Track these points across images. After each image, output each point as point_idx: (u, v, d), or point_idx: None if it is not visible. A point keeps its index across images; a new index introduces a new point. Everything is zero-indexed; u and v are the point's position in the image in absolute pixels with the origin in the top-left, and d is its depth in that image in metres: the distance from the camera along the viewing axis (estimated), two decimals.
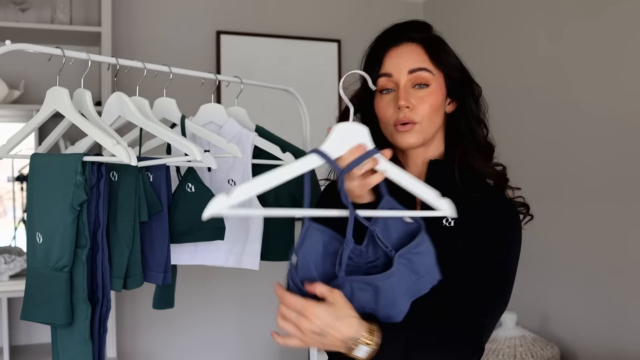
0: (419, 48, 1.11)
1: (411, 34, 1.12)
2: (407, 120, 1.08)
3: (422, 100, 1.09)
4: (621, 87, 2.29)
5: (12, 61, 2.35)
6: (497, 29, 3.01)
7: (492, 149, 1.17)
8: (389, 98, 1.11)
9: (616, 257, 2.32)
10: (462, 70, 1.15)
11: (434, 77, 1.10)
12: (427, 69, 1.09)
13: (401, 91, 1.09)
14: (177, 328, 3.12)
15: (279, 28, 3.32)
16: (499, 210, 1.11)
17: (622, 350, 2.30)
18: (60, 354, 1.18)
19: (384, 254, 0.97)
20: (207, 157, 1.22)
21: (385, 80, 1.11)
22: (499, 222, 1.10)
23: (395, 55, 1.11)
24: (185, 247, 1.43)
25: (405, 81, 1.09)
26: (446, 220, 1.10)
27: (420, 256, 0.97)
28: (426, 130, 1.10)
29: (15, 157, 1.28)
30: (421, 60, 1.10)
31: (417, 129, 1.09)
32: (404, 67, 1.09)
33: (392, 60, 1.11)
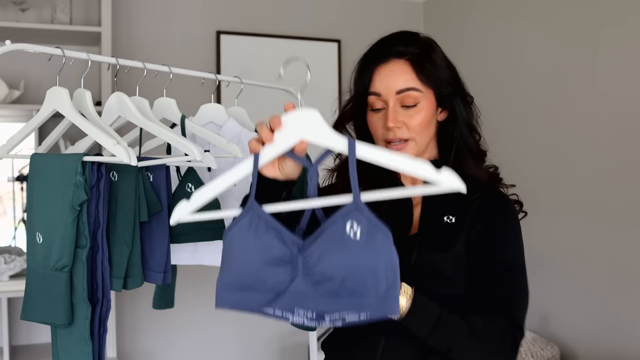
0: (406, 65, 1.11)
1: (398, 48, 1.11)
2: (397, 139, 1.10)
3: (412, 118, 1.10)
4: (620, 89, 2.29)
5: (12, 61, 2.35)
6: (496, 29, 3.01)
7: (484, 154, 1.18)
8: (379, 116, 1.12)
9: (616, 257, 2.32)
10: (452, 83, 1.14)
11: (423, 94, 1.11)
12: (415, 88, 1.10)
13: (390, 112, 1.09)
14: (177, 328, 3.12)
15: (279, 28, 3.32)
16: (497, 207, 1.13)
17: (622, 350, 2.30)
18: (60, 354, 1.18)
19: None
20: (207, 157, 1.23)
21: (374, 99, 1.12)
22: (499, 220, 1.11)
23: (384, 74, 1.11)
24: (185, 247, 1.43)
25: (393, 102, 1.10)
26: (447, 217, 1.10)
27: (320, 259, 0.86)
28: (419, 145, 1.12)
29: (15, 157, 1.28)
30: (409, 79, 1.10)
31: (411, 145, 1.10)
32: (392, 87, 1.10)
33: (381, 80, 1.11)
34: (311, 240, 0.87)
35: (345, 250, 0.84)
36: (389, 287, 0.83)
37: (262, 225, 0.89)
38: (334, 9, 3.44)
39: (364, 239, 0.84)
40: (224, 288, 0.90)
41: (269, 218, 0.89)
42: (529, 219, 1.18)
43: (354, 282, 0.84)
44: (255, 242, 0.88)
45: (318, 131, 0.90)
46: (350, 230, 0.84)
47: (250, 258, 0.88)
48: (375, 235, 0.84)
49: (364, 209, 0.85)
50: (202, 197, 0.94)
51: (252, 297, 0.89)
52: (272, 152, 0.93)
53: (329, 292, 0.85)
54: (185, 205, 0.94)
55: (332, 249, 0.85)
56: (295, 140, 0.92)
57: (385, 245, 0.83)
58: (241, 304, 0.90)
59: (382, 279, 0.83)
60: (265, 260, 0.88)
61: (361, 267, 0.83)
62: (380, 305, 0.83)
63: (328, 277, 0.85)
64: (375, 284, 0.83)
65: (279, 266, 0.87)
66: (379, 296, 0.83)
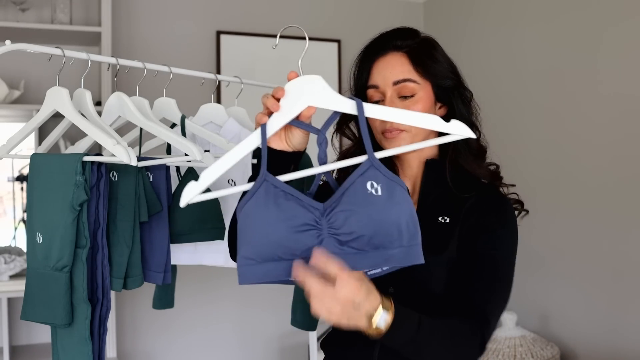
0: (403, 58, 1.12)
1: (396, 42, 1.13)
2: (394, 129, 1.10)
3: (408, 109, 1.10)
4: (621, 89, 2.29)
5: (12, 61, 2.35)
6: (497, 29, 3.01)
7: (484, 151, 1.18)
8: None
9: (616, 257, 2.33)
10: (450, 77, 1.15)
11: (420, 86, 1.11)
12: (411, 80, 1.11)
13: (387, 102, 1.11)
14: (177, 328, 3.12)
15: (279, 28, 3.30)
16: (492, 205, 1.12)
17: (622, 350, 2.30)
18: (60, 354, 1.18)
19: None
20: (207, 157, 1.23)
21: (372, 92, 1.13)
22: (492, 217, 1.11)
23: (382, 66, 1.13)
24: (185, 247, 1.43)
25: (390, 93, 1.11)
26: (442, 217, 1.10)
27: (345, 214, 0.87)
28: (414, 137, 1.11)
29: (15, 157, 1.28)
30: (406, 70, 1.11)
31: (404, 135, 1.10)
32: (389, 78, 1.11)
33: (379, 72, 1.13)
34: (333, 202, 0.88)
35: (371, 206, 0.86)
36: (411, 236, 0.87)
37: (281, 193, 0.89)
38: (334, 9, 3.44)
39: (386, 194, 0.87)
40: (247, 263, 0.88)
41: (286, 186, 0.90)
42: (529, 219, 1.18)
43: (381, 237, 0.86)
44: (277, 211, 0.88)
45: (324, 95, 0.91)
46: (371, 188, 0.87)
47: (275, 228, 0.87)
48: (394, 189, 0.87)
49: (380, 165, 0.88)
50: (211, 175, 0.92)
51: (279, 266, 0.88)
52: (280, 119, 0.93)
53: (357, 249, 0.87)
54: (195, 186, 0.91)
55: (357, 208, 0.87)
56: (301, 106, 0.92)
57: (405, 198, 0.87)
58: (268, 276, 0.88)
59: (405, 230, 0.86)
60: (291, 227, 0.87)
61: (386, 221, 0.86)
62: (405, 254, 0.87)
63: (357, 235, 0.86)
64: (399, 236, 0.86)
65: (305, 232, 0.87)
66: (402, 246, 0.86)
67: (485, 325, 1.03)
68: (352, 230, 0.86)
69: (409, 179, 1.19)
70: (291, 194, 0.89)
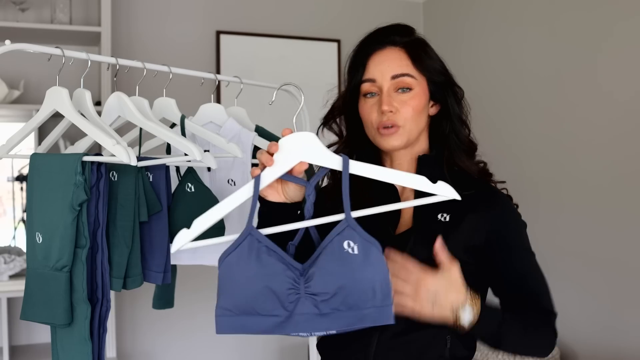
0: (401, 52, 1.13)
1: (394, 37, 1.14)
2: (391, 124, 1.10)
3: (405, 104, 1.11)
4: (622, 88, 2.29)
5: (12, 61, 2.35)
6: (496, 29, 3.01)
7: (474, 148, 1.20)
8: (373, 102, 1.13)
9: (616, 257, 2.32)
10: (444, 74, 1.16)
11: (417, 81, 1.12)
12: (409, 74, 1.11)
13: (384, 96, 1.11)
14: (176, 328, 3.12)
15: (279, 28, 3.32)
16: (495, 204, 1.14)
17: (622, 350, 2.30)
18: (60, 354, 1.18)
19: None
20: (207, 157, 1.22)
21: (369, 85, 1.13)
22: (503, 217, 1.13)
23: (379, 60, 1.13)
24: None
25: (388, 86, 1.11)
26: (441, 214, 1.11)
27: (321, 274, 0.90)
28: (410, 133, 1.12)
29: (15, 157, 1.28)
30: (404, 65, 1.12)
31: (401, 132, 1.11)
32: (387, 72, 1.11)
33: (376, 66, 1.13)
34: (310, 262, 0.91)
35: (347, 265, 0.88)
36: (384, 296, 0.88)
37: (264, 249, 0.91)
38: (334, 9, 3.44)
39: (362, 254, 0.88)
40: (224, 313, 0.91)
41: (269, 242, 0.92)
42: (529, 219, 1.18)
43: (355, 296, 0.88)
44: (258, 267, 0.90)
45: (314, 151, 0.96)
46: (348, 247, 0.89)
47: (254, 283, 0.89)
48: (369, 249, 0.89)
49: (356, 225, 0.90)
50: (203, 224, 0.96)
51: (255, 321, 0.90)
52: (273, 173, 0.97)
53: (332, 309, 0.89)
54: (186, 233, 0.96)
55: (333, 267, 0.89)
56: (293, 161, 0.96)
57: (379, 259, 0.89)
58: (245, 329, 0.91)
59: (379, 289, 0.88)
60: (270, 284, 0.89)
61: (362, 280, 0.88)
62: (377, 314, 0.88)
63: (332, 294, 0.88)
64: (373, 296, 0.88)
65: (283, 290, 0.89)
66: (376, 305, 0.88)
67: (553, 317, 1.15)
68: (328, 289, 0.88)
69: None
70: (274, 250, 0.91)
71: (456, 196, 0.93)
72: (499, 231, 1.11)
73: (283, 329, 0.90)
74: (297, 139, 0.97)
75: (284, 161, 0.97)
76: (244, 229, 0.93)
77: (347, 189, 0.92)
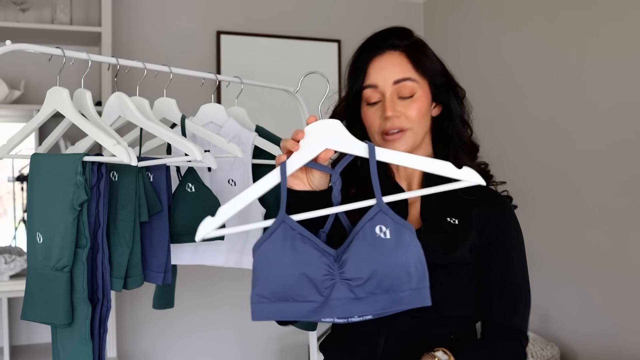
0: (402, 56, 1.12)
1: (393, 41, 1.13)
2: (397, 129, 1.10)
3: (409, 107, 1.10)
4: (619, 89, 2.29)
5: (13, 61, 2.35)
6: (496, 29, 3.01)
7: (476, 149, 1.19)
8: (376, 108, 1.12)
9: (616, 257, 2.33)
10: (444, 75, 1.16)
11: (419, 84, 1.11)
12: (411, 79, 1.11)
13: (387, 102, 1.10)
14: (177, 328, 3.12)
15: (279, 28, 3.32)
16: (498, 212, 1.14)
17: (622, 350, 2.30)
18: (61, 354, 1.18)
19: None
20: (207, 157, 1.23)
21: (371, 92, 1.12)
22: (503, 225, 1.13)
23: (380, 65, 1.12)
24: (186, 247, 1.43)
25: (390, 92, 1.11)
26: (450, 218, 1.11)
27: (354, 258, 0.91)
28: (416, 136, 1.12)
29: (15, 157, 1.28)
30: (405, 70, 1.11)
31: (407, 135, 1.11)
32: (388, 77, 1.11)
33: (377, 72, 1.12)
34: (344, 248, 0.91)
35: (379, 250, 0.89)
36: (420, 278, 0.88)
37: (298, 237, 0.91)
38: (334, 9, 3.44)
39: (394, 238, 0.89)
40: (260, 301, 0.91)
41: (303, 229, 0.92)
42: (527, 219, 1.19)
43: (390, 280, 0.88)
44: (293, 254, 0.90)
45: (340, 138, 0.95)
46: (380, 232, 0.89)
47: (290, 270, 0.89)
48: (402, 232, 0.89)
49: (388, 210, 0.90)
50: (228, 212, 0.94)
51: (292, 307, 0.90)
52: (298, 160, 0.96)
53: (368, 293, 0.89)
54: (211, 221, 0.94)
55: (366, 252, 0.89)
56: (319, 147, 0.96)
57: (413, 241, 0.89)
58: (280, 315, 0.91)
59: (414, 272, 0.88)
60: (306, 271, 0.89)
61: (395, 265, 0.88)
62: (414, 296, 0.89)
63: (366, 279, 0.88)
64: (408, 278, 0.88)
65: (319, 276, 0.89)
66: (412, 288, 0.88)
67: (524, 339, 1.14)
68: (362, 274, 0.89)
69: (404, 179, 1.19)
70: (308, 237, 0.91)
71: (481, 182, 0.90)
72: (495, 238, 1.11)
73: (319, 314, 0.90)
74: (323, 126, 0.96)
75: (309, 148, 0.96)
76: (277, 216, 0.92)
77: (375, 174, 0.92)
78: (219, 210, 0.94)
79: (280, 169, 0.95)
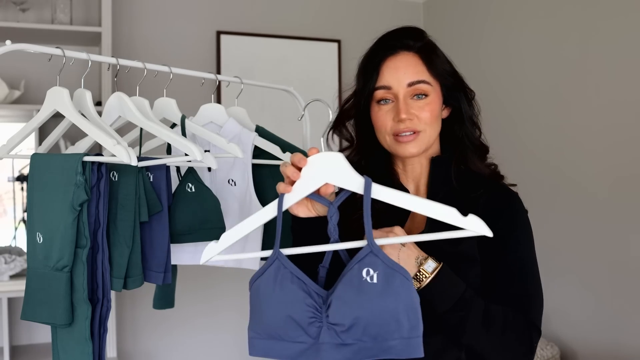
0: (416, 58, 1.11)
1: (407, 42, 1.11)
2: (410, 131, 1.09)
3: (422, 110, 1.09)
4: (620, 87, 2.29)
5: (13, 61, 2.35)
6: (496, 29, 3.01)
7: (486, 150, 1.18)
8: (388, 108, 1.11)
9: (616, 257, 2.32)
10: (455, 77, 1.15)
11: (432, 87, 1.10)
12: (425, 81, 1.10)
13: (401, 104, 1.09)
14: (177, 328, 3.12)
15: (279, 28, 3.32)
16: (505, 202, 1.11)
17: (622, 350, 2.30)
18: (61, 354, 1.18)
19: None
20: (207, 157, 1.22)
21: (383, 92, 1.11)
22: (506, 219, 1.10)
23: (394, 66, 1.10)
24: (186, 247, 1.43)
25: (404, 93, 1.09)
26: None
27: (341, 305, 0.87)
28: (429, 138, 1.11)
29: (15, 157, 1.28)
30: (419, 71, 1.10)
31: (421, 137, 1.10)
32: (403, 79, 1.09)
33: (391, 72, 1.10)
34: (332, 290, 0.89)
35: (364, 296, 0.85)
36: (412, 327, 0.84)
37: (288, 275, 0.90)
38: (334, 9, 3.44)
39: (382, 283, 0.84)
40: (255, 336, 0.92)
41: (294, 268, 0.91)
42: (530, 218, 1.18)
43: (377, 327, 0.84)
44: (280, 295, 0.89)
45: (339, 172, 0.92)
46: (367, 275, 0.85)
47: (277, 310, 0.89)
48: (393, 277, 0.85)
49: (379, 251, 0.86)
50: (230, 238, 0.97)
51: (282, 346, 0.90)
52: (298, 192, 0.95)
53: (355, 339, 0.86)
54: (214, 247, 0.97)
55: (350, 297, 0.86)
56: (319, 182, 0.94)
57: (404, 286, 0.84)
58: (273, 352, 0.91)
59: (404, 320, 0.84)
60: (290, 313, 0.89)
61: (380, 311, 0.84)
62: (404, 345, 0.84)
63: (349, 325, 0.85)
64: (398, 326, 0.84)
65: (304, 319, 0.88)
66: (402, 337, 0.84)
67: (535, 332, 1.04)
68: (345, 320, 0.86)
69: (412, 180, 1.18)
70: (297, 276, 0.90)
71: (488, 232, 0.84)
72: (503, 230, 1.07)
73: (309, 357, 0.89)
74: (325, 159, 0.94)
75: (309, 181, 0.94)
76: (272, 252, 0.92)
77: (369, 212, 0.87)
78: (222, 236, 0.97)
79: (277, 201, 0.95)
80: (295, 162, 0.95)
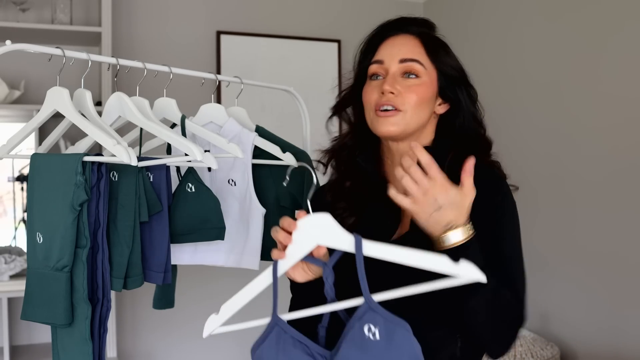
0: (415, 40, 1.11)
1: (412, 27, 1.13)
2: (390, 106, 1.07)
3: (409, 89, 1.07)
4: (623, 87, 2.29)
5: (13, 61, 2.35)
6: (497, 29, 3.01)
7: (490, 145, 1.17)
8: (377, 84, 1.10)
9: (616, 257, 2.32)
10: (458, 70, 1.13)
11: (426, 70, 1.09)
12: (418, 61, 1.09)
13: (388, 77, 1.08)
14: (177, 328, 3.12)
15: (279, 28, 3.32)
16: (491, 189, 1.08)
17: (622, 350, 2.30)
18: (61, 354, 1.18)
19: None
20: (207, 157, 1.22)
21: (376, 67, 1.11)
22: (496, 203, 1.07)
23: (390, 44, 1.11)
24: (186, 247, 1.43)
25: (395, 69, 1.09)
26: None
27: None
28: (409, 122, 1.08)
29: (15, 157, 1.28)
30: (415, 52, 1.09)
31: (400, 117, 1.07)
32: (396, 55, 1.09)
33: (386, 49, 1.11)
34: (335, 351, 0.88)
35: (367, 353, 0.84)
36: None
37: (290, 340, 0.91)
38: (334, 9, 3.44)
39: (384, 338, 0.84)
40: None
41: (295, 332, 0.91)
42: (529, 219, 1.18)
43: None
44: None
45: (328, 233, 0.92)
46: (368, 332, 0.85)
47: None
48: (394, 331, 0.84)
49: (377, 307, 0.86)
50: (230, 310, 1.01)
51: None
52: (291, 257, 0.95)
53: None
54: (215, 319, 1.01)
55: (355, 356, 0.85)
56: (310, 245, 0.93)
57: (406, 340, 0.84)
58: None
59: None
60: None
61: None
62: None
63: None
64: None
65: None
66: None
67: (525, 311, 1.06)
68: None
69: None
70: (299, 340, 0.90)
71: (482, 279, 0.83)
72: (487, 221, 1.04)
73: None
74: (314, 221, 0.93)
75: (300, 244, 0.94)
76: (271, 319, 0.93)
77: (362, 270, 0.86)
78: (222, 307, 1.01)
79: (272, 268, 0.95)
80: (285, 227, 0.95)
